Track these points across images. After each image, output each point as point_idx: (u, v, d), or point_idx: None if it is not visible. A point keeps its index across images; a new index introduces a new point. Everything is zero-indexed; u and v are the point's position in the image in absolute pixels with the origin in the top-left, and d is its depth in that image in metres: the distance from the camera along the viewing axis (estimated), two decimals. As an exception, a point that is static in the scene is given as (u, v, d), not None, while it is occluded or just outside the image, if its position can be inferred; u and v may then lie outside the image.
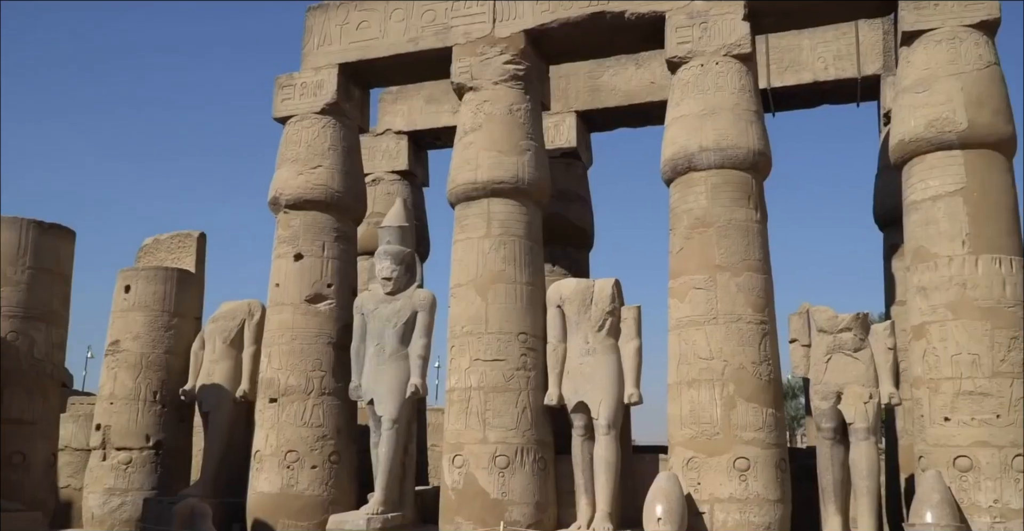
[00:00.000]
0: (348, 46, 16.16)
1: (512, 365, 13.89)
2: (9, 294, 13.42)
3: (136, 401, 16.93)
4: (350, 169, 16.14)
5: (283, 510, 14.61)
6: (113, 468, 16.78)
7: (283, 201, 15.85)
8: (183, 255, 18.46)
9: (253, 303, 17.23)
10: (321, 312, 15.46)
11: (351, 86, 16.55)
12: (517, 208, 14.59)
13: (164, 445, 17.02)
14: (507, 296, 14.17)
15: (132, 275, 17.37)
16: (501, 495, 13.39)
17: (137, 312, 17.11)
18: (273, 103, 16.47)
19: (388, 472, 14.05)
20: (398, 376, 14.34)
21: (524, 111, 14.90)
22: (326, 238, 15.75)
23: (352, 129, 16.55)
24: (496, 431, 13.63)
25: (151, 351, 17.06)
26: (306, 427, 14.95)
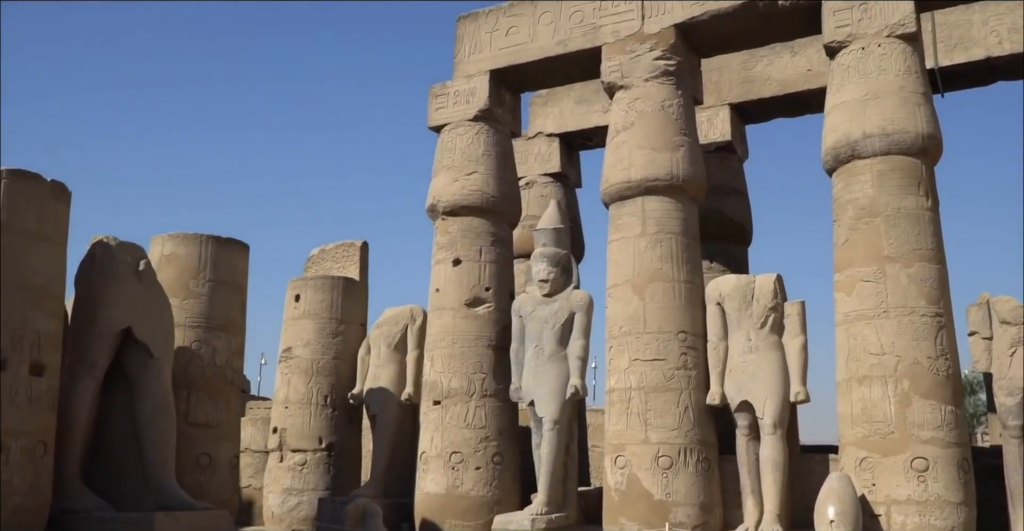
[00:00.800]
0: (498, 52, 16.52)
1: (672, 364, 13.82)
2: (192, 306, 14.41)
3: (308, 405, 17.82)
4: (504, 174, 16.48)
5: (449, 510, 15.04)
6: (290, 469, 17.71)
7: (440, 208, 16.34)
8: (348, 264, 19.31)
9: (415, 308, 17.84)
10: (480, 315, 15.83)
11: (502, 91, 16.90)
12: (672, 205, 14.52)
13: (336, 447, 17.84)
14: (665, 295, 14.11)
15: (301, 284, 18.32)
16: (665, 496, 13.34)
17: (307, 320, 18.02)
18: (428, 112, 17.02)
19: (551, 473, 14.23)
20: (558, 377, 14.51)
21: (676, 107, 14.82)
22: (483, 242, 16.13)
23: (505, 134, 16.89)
24: (658, 431, 13.59)
25: (321, 357, 17.92)
26: (469, 429, 15.33)
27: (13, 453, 11.21)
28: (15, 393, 11.31)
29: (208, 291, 14.55)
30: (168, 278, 14.05)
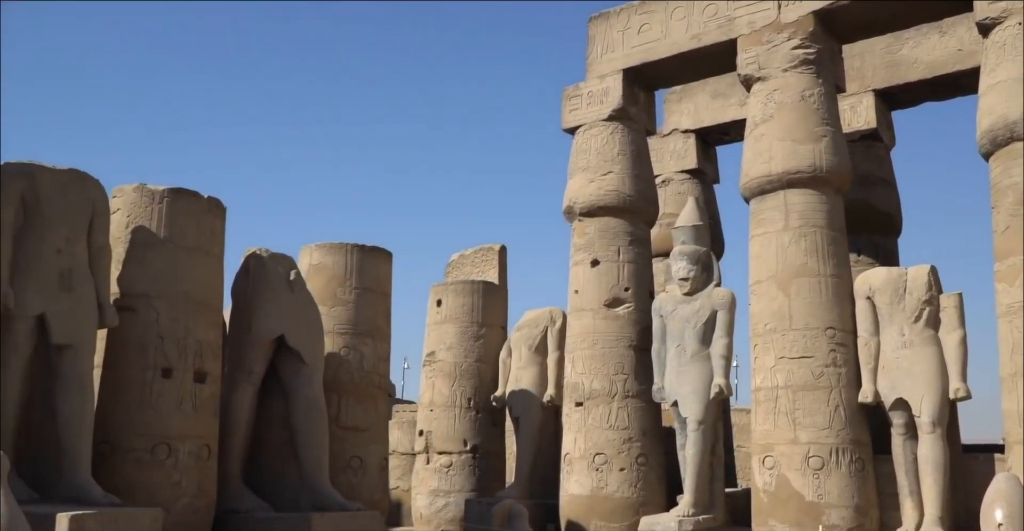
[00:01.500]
0: (631, 51, 16.53)
1: (820, 362, 13.51)
2: (339, 313, 15.03)
3: (453, 408, 18.26)
4: (640, 172, 16.47)
5: (594, 511, 15.13)
6: (436, 471, 18.20)
7: (577, 209, 16.47)
8: (487, 268, 19.70)
9: (555, 310, 18.03)
10: (620, 316, 15.87)
11: (636, 90, 16.89)
12: (816, 198, 14.19)
13: (480, 449, 18.22)
14: (811, 290, 13.81)
15: (443, 289, 18.81)
16: (817, 497, 13.05)
17: (449, 324, 18.48)
18: (561, 114, 17.18)
19: (697, 474, 14.15)
20: (701, 377, 14.41)
21: (817, 96, 14.49)
22: (621, 243, 16.16)
23: (639, 133, 16.87)
24: (808, 431, 13.31)
25: (463, 360, 18.34)
26: (612, 430, 15.39)
27: (181, 456, 11.98)
28: (181, 400, 12.09)
29: (354, 298, 15.14)
30: (317, 287, 14.70)
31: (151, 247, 12.24)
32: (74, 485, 10.84)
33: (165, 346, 12.04)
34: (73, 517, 9.59)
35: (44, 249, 11.02)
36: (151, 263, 12.18)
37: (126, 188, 12.50)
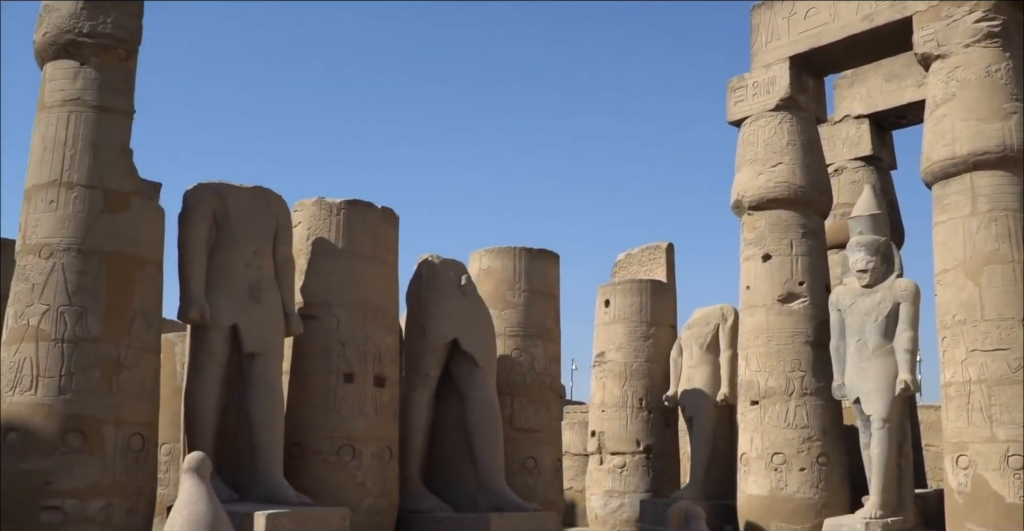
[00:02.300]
0: (797, 37, 16.15)
1: (1017, 354, 12.81)
2: (510, 316, 15.40)
3: (624, 408, 18.33)
4: (811, 162, 16.07)
5: (774, 513, 14.87)
6: (610, 471, 18.31)
7: (746, 203, 16.23)
8: (654, 266, 19.65)
9: (725, 307, 17.81)
10: (795, 311, 15.54)
11: (804, 77, 16.49)
12: (1006, 179, 13.47)
13: (653, 449, 18.20)
14: (1003, 278, 13.12)
15: (610, 290, 18.92)
16: (1019, 499, 12.39)
17: (618, 324, 18.57)
18: (726, 106, 16.96)
19: (883, 474, 13.69)
20: (884, 372, 13.94)
21: (1004, 71, 13.74)
22: (793, 235, 15.82)
23: (809, 121, 16.46)
24: (1006, 428, 12.65)
25: (633, 360, 18.38)
26: (790, 429, 15.08)
27: (364, 458, 12.59)
28: (363, 403, 12.71)
29: (524, 301, 15.47)
30: (487, 290, 15.11)
31: (330, 257, 12.93)
32: (269, 485, 11.57)
33: (346, 352, 12.69)
34: (270, 516, 10.24)
35: (234, 263, 11.86)
36: (331, 273, 12.87)
37: (306, 202, 13.26)
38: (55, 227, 10.41)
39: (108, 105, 10.75)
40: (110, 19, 10.75)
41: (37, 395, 10.06)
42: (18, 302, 10.38)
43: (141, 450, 10.56)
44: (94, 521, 10.03)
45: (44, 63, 10.99)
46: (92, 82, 10.70)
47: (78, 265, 10.34)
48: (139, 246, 10.76)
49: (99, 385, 10.23)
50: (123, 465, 10.31)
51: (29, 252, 10.49)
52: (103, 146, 10.66)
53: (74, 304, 10.25)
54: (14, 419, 10.08)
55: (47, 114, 10.79)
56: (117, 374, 10.37)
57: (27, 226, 10.57)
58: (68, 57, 10.76)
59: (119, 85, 10.84)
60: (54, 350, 10.14)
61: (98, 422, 10.17)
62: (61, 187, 10.50)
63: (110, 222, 10.54)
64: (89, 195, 10.49)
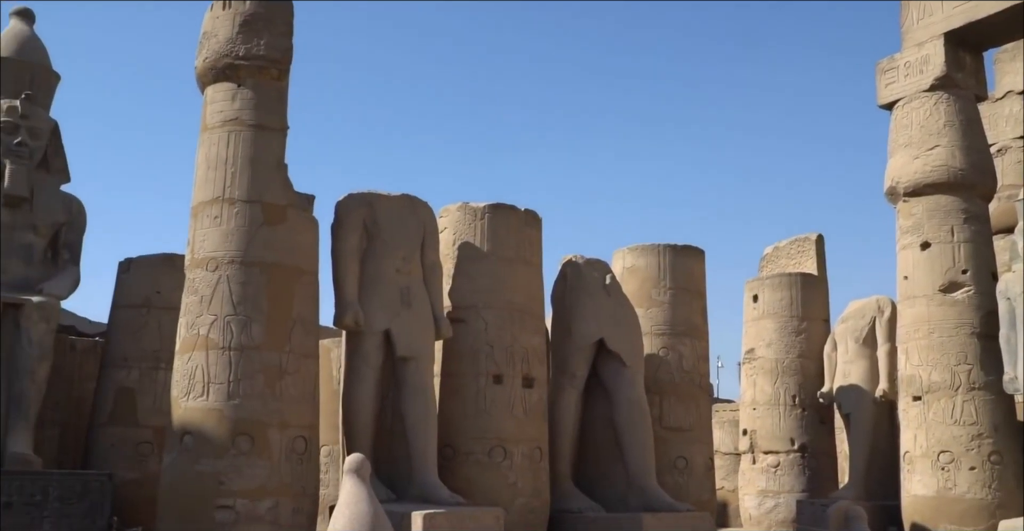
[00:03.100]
0: (952, 12, 15.67)
1: None
2: (655, 314, 15.56)
3: (777, 406, 18.20)
4: (971, 143, 15.58)
5: (942, 514, 14.53)
6: (763, 471, 18.21)
7: (901, 189, 15.86)
8: (803, 259, 19.39)
9: (882, 299, 17.45)
10: (958, 301, 15.12)
11: (960, 54, 15.98)
12: None
13: (808, 448, 18.00)
14: None
15: (758, 284, 18.80)
16: None
17: (767, 319, 18.44)
18: (876, 89, 16.59)
19: (1067, 474, 13.23)
20: (1062, 365, 13.46)
21: None
22: (954, 221, 15.38)
23: (967, 100, 15.95)
24: None
25: (784, 356, 18.22)
26: (957, 425, 14.70)
27: (516, 458, 13.00)
28: (512, 404, 13.12)
29: (669, 299, 15.60)
30: (631, 289, 15.31)
31: (476, 261, 13.41)
32: (424, 485, 12.11)
33: (495, 354, 13.13)
34: (426, 515, 10.75)
35: (385, 270, 12.48)
36: (477, 276, 13.35)
37: (451, 208, 13.78)
38: (220, 241, 11.24)
39: (264, 123, 11.52)
40: (263, 41, 11.49)
41: (208, 400, 10.87)
42: (189, 313, 11.25)
43: (304, 452, 11.24)
44: (263, 520, 10.75)
45: (205, 87, 11.84)
46: (248, 102, 11.48)
47: (241, 276, 11.12)
48: (296, 257, 11.48)
49: (264, 390, 10.96)
50: (288, 467, 11.01)
51: (197, 266, 11.34)
52: (260, 162, 11.42)
53: (239, 313, 11.02)
54: (188, 423, 10.91)
55: (209, 135, 11.64)
56: (280, 379, 11.08)
57: (195, 241, 11.43)
58: (226, 80, 11.57)
59: (273, 103, 11.59)
60: (222, 358, 10.93)
61: (264, 426, 10.90)
62: (224, 203, 11.32)
63: (269, 234, 11.28)
64: (249, 209, 11.28)
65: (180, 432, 10.97)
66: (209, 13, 11.81)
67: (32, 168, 13.81)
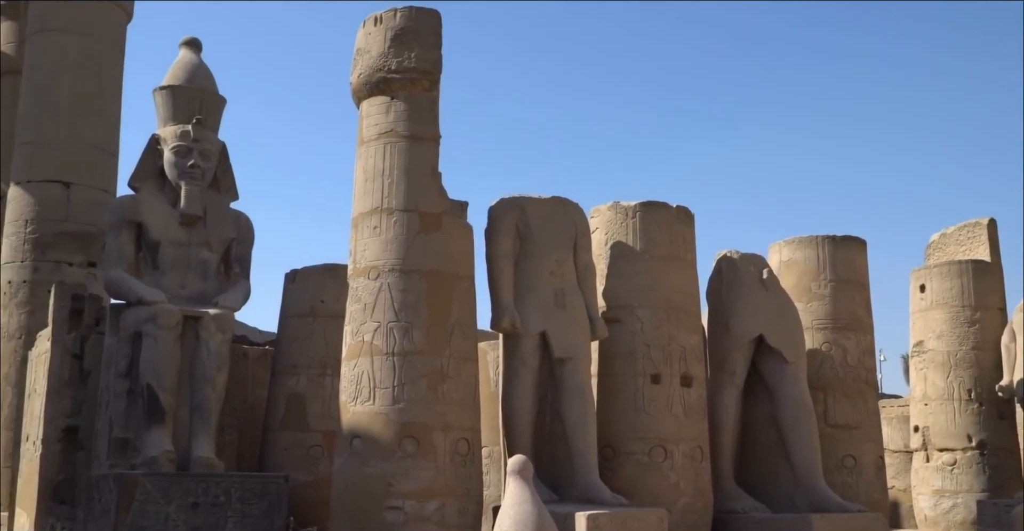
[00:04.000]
0: None
1: None
2: (816, 308, 15.19)
3: (950, 401, 17.50)
4: None
5: None
6: (938, 469, 17.53)
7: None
8: (975, 245, 18.58)
9: (1064, 286, 16.57)
10: None
11: None
12: None
13: (988, 445, 17.23)
14: None
15: (925, 274, 18.12)
16: None
17: (936, 310, 17.75)
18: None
19: None
20: None
21: None
22: None
23: None
24: None
25: (957, 348, 17.51)
26: None
27: (676, 458, 12.95)
28: (671, 403, 13.09)
29: (830, 292, 15.20)
30: (790, 283, 15.00)
31: (629, 260, 13.43)
32: (586, 486, 12.21)
33: (651, 353, 13.12)
34: (590, 516, 10.84)
35: (539, 272, 12.68)
36: (631, 275, 13.37)
37: (602, 208, 13.86)
38: (380, 250, 11.67)
39: (417, 134, 11.90)
40: (413, 54, 11.87)
41: (375, 405, 11.30)
42: (353, 321, 11.73)
43: (467, 454, 11.53)
44: (431, 520, 11.09)
45: (360, 102, 12.33)
46: (402, 114, 11.89)
47: (402, 284, 11.51)
48: (453, 263, 11.81)
49: (427, 394, 11.31)
50: (452, 469, 11.32)
51: (359, 275, 11.82)
52: (415, 172, 11.80)
53: (400, 320, 11.42)
54: (357, 427, 11.37)
55: (365, 148, 12.11)
56: (441, 383, 11.41)
57: (356, 251, 11.92)
58: (380, 93, 12.01)
59: (425, 114, 11.96)
60: (386, 363, 11.35)
61: (428, 429, 11.24)
62: (382, 213, 11.75)
63: (426, 242, 11.65)
64: (407, 218, 11.67)
65: (349, 436, 11.44)
66: (362, 30, 12.29)
67: (204, 188, 14.66)
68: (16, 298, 19.56)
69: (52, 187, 19.69)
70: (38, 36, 20.75)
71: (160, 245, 14.33)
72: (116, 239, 14.35)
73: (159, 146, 14.78)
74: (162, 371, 13.34)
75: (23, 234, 19.65)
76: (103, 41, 20.77)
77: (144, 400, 13.39)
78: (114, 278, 14.13)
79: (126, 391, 13.66)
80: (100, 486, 13.19)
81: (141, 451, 13.24)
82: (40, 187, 19.77)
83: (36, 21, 20.88)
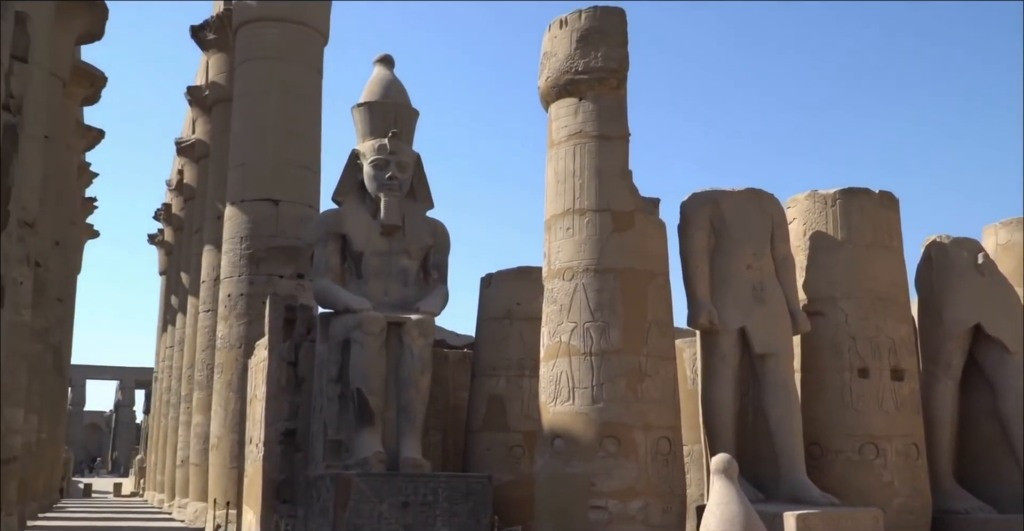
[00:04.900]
0: None
1: None
2: None
3: None
4: None
5: None
6: None
7: None
8: None
9: None
10: None
11: None
12: None
13: None
14: None
15: None
16: None
17: None
18: None
19: None
20: None
21: None
22: None
23: None
24: None
25: None
26: None
27: (889, 456, 12.25)
28: (882, 398, 12.39)
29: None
30: (1008, 268, 13.96)
31: (830, 250, 12.83)
32: (793, 485, 11.73)
33: (858, 346, 12.47)
34: (800, 516, 10.38)
35: (735, 267, 12.29)
36: (832, 266, 12.76)
37: (799, 197, 13.31)
38: (574, 251, 11.61)
39: (606, 133, 11.76)
40: (599, 53, 11.76)
41: (575, 405, 11.24)
42: (550, 322, 11.73)
43: (669, 453, 11.30)
44: (635, 520, 10.93)
45: (548, 105, 12.32)
46: (590, 114, 11.78)
47: (597, 284, 11.41)
48: (647, 260, 11.60)
49: (626, 393, 11.15)
50: (654, 468, 11.12)
51: (554, 276, 11.80)
52: (606, 171, 11.67)
53: (597, 320, 11.31)
54: (557, 427, 11.35)
55: (556, 150, 12.09)
56: (640, 382, 11.23)
57: (550, 253, 11.91)
58: (568, 95, 11.96)
59: (613, 113, 11.82)
60: (584, 363, 11.27)
61: (628, 428, 11.08)
62: (575, 214, 11.69)
63: (619, 241, 11.49)
64: (599, 218, 11.55)
65: (550, 436, 11.43)
66: (547, 34, 12.29)
67: (402, 199, 15.09)
68: (235, 310, 20.81)
69: (263, 205, 20.86)
70: (245, 65, 22.03)
71: (363, 255, 14.87)
72: (323, 251, 14.99)
73: (359, 161, 15.34)
74: (370, 375, 13.79)
75: (239, 250, 20.89)
76: (303, 65, 21.84)
77: (354, 403, 13.88)
78: (322, 288, 14.75)
79: (338, 395, 14.21)
80: (318, 485, 13.76)
81: (353, 452, 13.73)
82: (252, 206, 20.98)
83: (243, 51, 22.16)
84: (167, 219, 44.22)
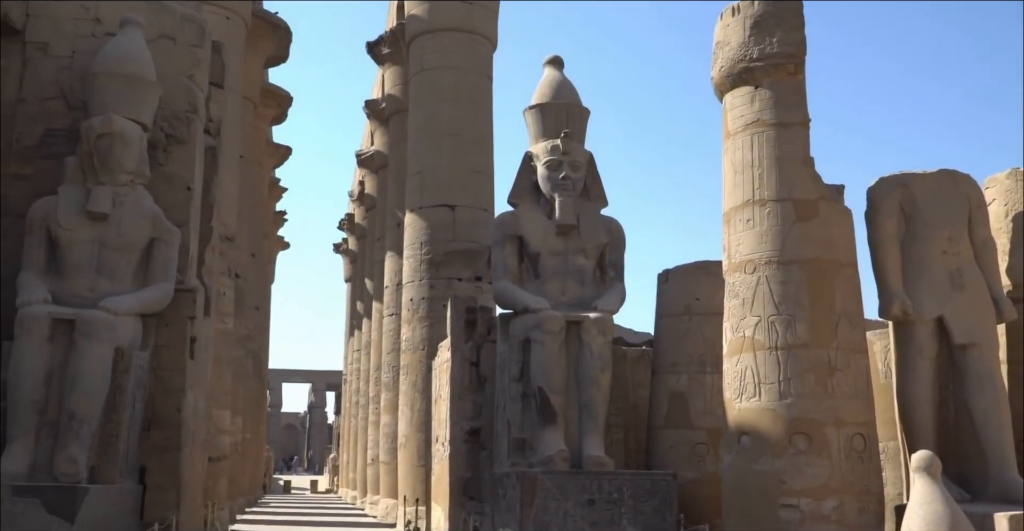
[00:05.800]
0: None
1: None
2: None
3: None
4: None
5: None
6: None
7: None
8: None
9: None
10: None
11: None
12: None
13: None
14: None
15: None
16: None
17: None
18: None
19: None
20: None
21: None
22: None
23: None
24: None
25: None
26: None
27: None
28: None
29: None
30: None
31: (1039, 233, 11.94)
32: (1003, 483, 10.91)
33: (1070, 334, 11.51)
34: (1012, 517, 9.63)
35: (930, 253, 11.54)
36: (1043, 249, 11.84)
37: (998, 177, 12.41)
38: (755, 243, 11.17)
39: (785, 120, 11.25)
40: (775, 39, 11.28)
41: (761, 401, 10.81)
42: (733, 317, 11.34)
43: (863, 450, 10.71)
44: (829, 519, 10.40)
45: (723, 95, 11.93)
46: (767, 102, 11.31)
47: (780, 276, 10.93)
48: (833, 250, 11.03)
49: (815, 388, 10.64)
50: (848, 465, 10.55)
51: (735, 269, 11.40)
52: (786, 160, 11.16)
53: (781, 313, 10.84)
54: (743, 423, 10.95)
55: (732, 141, 11.68)
56: (830, 376, 10.68)
57: (730, 246, 11.52)
58: (743, 84, 11.52)
59: (792, 99, 11.29)
60: (770, 358, 10.82)
61: (819, 424, 10.56)
62: (754, 205, 11.24)
63: (803, 231, 10.96)
64: (780, 208, 11.05)
65: (736, 433, 11.05)
66: (719, 22, 11.90)
67: (576, 198, 15.02)
68: (417, 313, 21.33)
69: (440, 211, 21.31)
70: (419, 76, 22.57)
71: (540, 255, 14.88)
72: (501, 253, 15.10)
73: (532, 162, 15.37)
74: (550, 374, 13.76)
75: (419, 255, 21.41)
76: (474, 72, 22.19)
77: (536, 402, 13.88)
78: (502, 289, 14.86)
79: (520, 394, 14.25)
80: (503, 483, 13.83)
81: (537, 450, 13.72)
82: (430, 212, 21.46)
83: (416, 62, 22.72)
84: (351, 228, 45.89)
